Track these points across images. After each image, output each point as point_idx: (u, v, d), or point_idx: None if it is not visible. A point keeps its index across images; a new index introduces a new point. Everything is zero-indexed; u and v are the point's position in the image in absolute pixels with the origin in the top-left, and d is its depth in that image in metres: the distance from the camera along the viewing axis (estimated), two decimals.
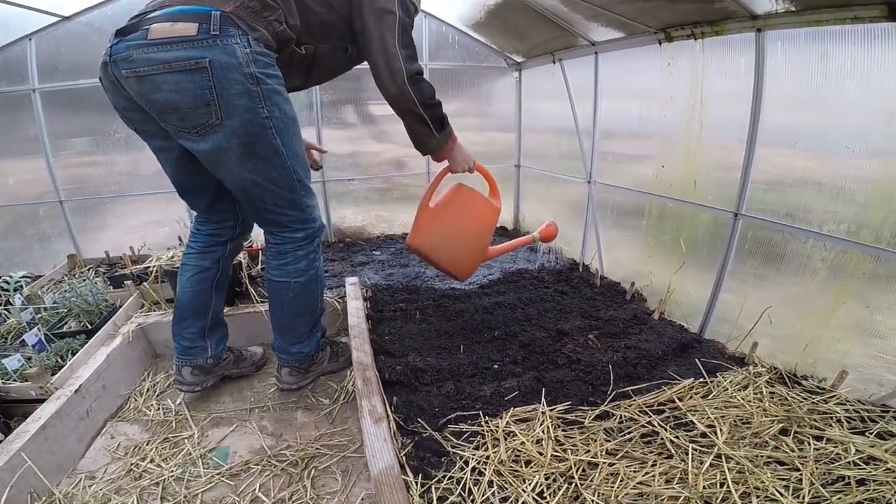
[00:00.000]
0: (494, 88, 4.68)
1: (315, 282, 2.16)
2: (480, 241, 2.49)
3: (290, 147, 1.90)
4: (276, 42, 1.78)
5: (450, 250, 2.42)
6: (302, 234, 2.06)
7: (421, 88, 1.99)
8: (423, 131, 2.14)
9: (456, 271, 2.50)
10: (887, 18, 1.70)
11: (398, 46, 1.91)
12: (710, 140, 2.54)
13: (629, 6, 2.59)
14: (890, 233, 1.83)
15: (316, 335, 2.29)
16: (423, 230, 2.41)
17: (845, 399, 1.93)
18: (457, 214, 2.42)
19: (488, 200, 2.51)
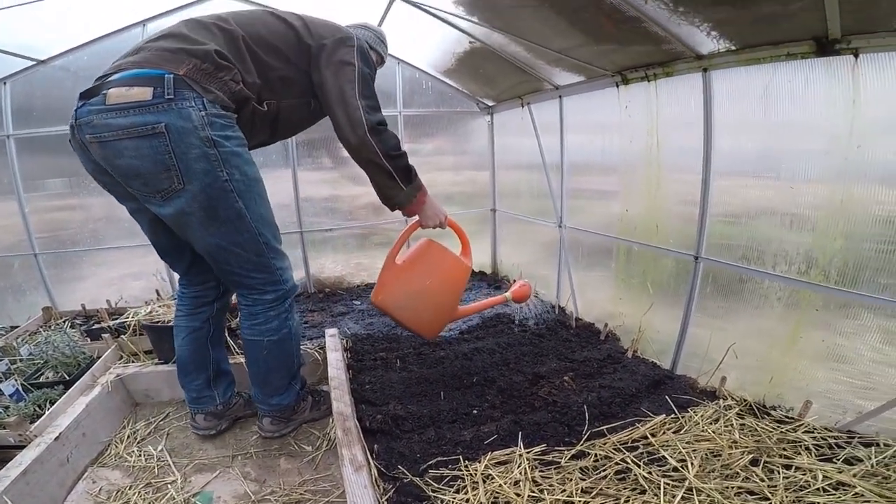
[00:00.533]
0: (470, 130, 4.80)
1: (289, 339, 2.14)
2: (449, 300, 2.41)
3: (254, 210, 1.88)
4: (235, 102, 1.78)
5: (415, 309, 2.35)
6: (272, 296, 2.04)
7: (384, 139, 1.96)
8: (388, 184, 2.08)
9: (422, 331, 2.45)
10: (816, 54, 1.87)
11: (358, 97, 1.90)
12: (669, 182, 2.69)
13: (585, 50, 2.77)
14: (836, 271, 1.97)
15: (295, 387, 2.30)
16: (388, 287, 2.35)
17: (812, 427, 2.01)
18: (425, 272, 2.36)
19: (458, 259, 2.45)
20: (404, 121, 4.45)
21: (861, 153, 1.82)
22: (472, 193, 4.95)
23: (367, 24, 2.42)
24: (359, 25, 2.38)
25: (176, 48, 1.71)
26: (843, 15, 1.67)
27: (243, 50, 1.82)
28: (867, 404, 1.94)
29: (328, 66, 1.92)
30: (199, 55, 1.70)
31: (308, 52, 1.94)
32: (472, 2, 2.81)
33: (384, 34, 2.46)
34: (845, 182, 1.89)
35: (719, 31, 2.10)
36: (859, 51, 1.74)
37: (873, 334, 1.92)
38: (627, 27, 2.30)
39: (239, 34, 1.82)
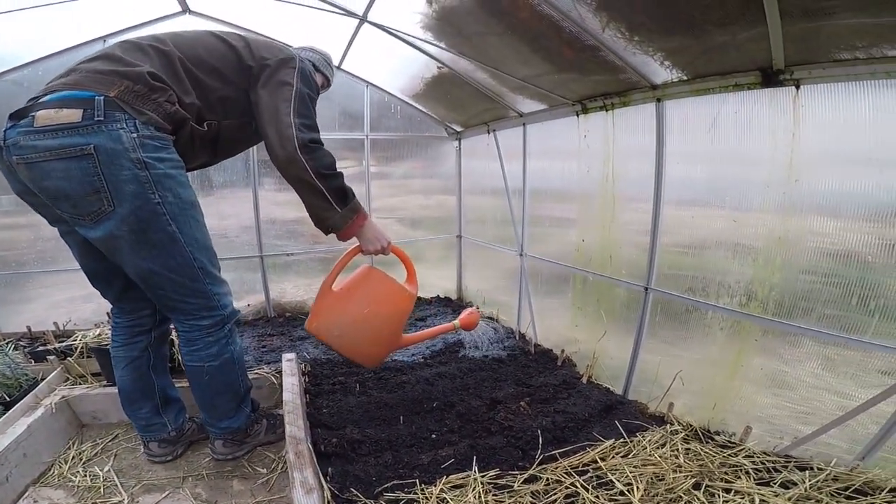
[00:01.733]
0: (439, 154, 4.84)
1: (231, 364, 2.11)
2: (389, 329, 2.34)
3: (188, 234, 1.84)
4: (171, 123, 1.76)
5: (353, 338, 2.27)
6: (209, 322, 2.00)
7: (316, 157, 1.91)
8: (321, 205, 2.01)
9: (361, 360, 2.39)
10: (762, 84, 1.98)
11: (292, 115, 1.88)
12: (623, 211, 2.79)
13: (548, 79, 2.88)
14: (774, 303, 2.09)
15: (245, 410, 2.28)
16: (323, 315, 2.27)
17: (753, 451, 2.09)
18: (363, 300, 2.28)
19: (400, 286, 2.37)
20: (371, 144, 4.46)
21: (799, 186, 1.93)
22: (440, 218, 4.99)
23: (313, 47, 2.45)
24: (306, 48, 2.42)
25: (108, 70, 1.69)
26: (786, 45, 1.77)
27: (180, 71, 1.81)
28: (805, 429, 2.03)
29: (265, 85, 1.92)
30: (131, 77, 1.69)
31: (249, 72, 1.95)
32: (439, 27, 2.89)
33: (330, 57, 2.50)
34: (784, 214, 2.01)
35: (672, 60, 2.21)
36: (801, 81, 1.85)
37: (812, 361, 2.03)
38: (586, 56, 2.41)
39: (176, 55, 1.82)
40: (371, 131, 4.45)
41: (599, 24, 2.14)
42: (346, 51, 3.79)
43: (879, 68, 1.65)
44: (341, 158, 4.35)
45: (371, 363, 2.44)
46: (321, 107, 4.11)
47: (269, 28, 3.56)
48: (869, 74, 1.68)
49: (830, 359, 1.97)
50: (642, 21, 2.05)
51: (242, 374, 2.21)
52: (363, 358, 2.37)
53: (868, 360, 1.86)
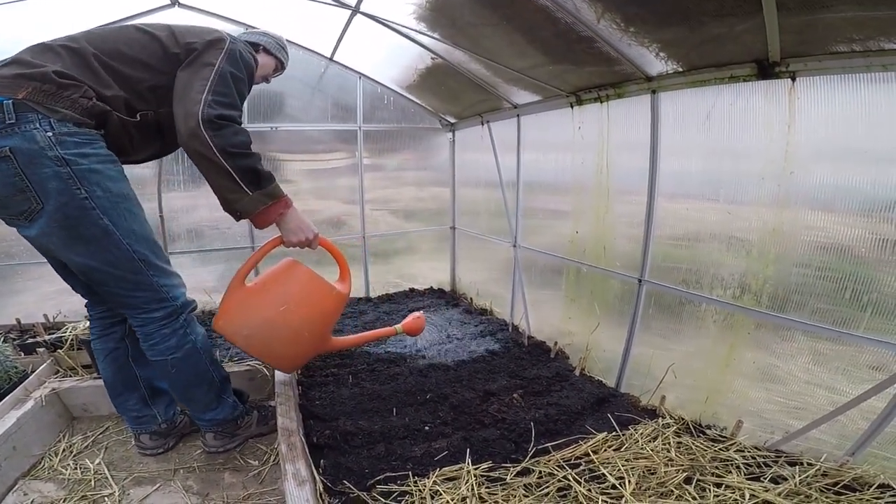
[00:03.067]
0: (433, 146, 4.82)
1: (196, 355, 2.07)
2: (311, 331, 2.16)
3: (123, 226, 1.80)
4: (91, 117, 1.74)
5: (264, 339, 2.08)
6: (161, 314, 1.96)
7: (222, 133, 1.79)
8: (227, 186, 1.87)
9: (275, 364, 2.24)
10: (757, 77, 1.96)
11: (205, 92, 1.79)
12: (617, 204, 2.78)
13: (542, 70, 2.85)
14: (768, 296, 2.08)
15: (227, 401, 2.25)
16: (232, 312, 2.08)
17: (744, 446, 2.10)
18: (279, 297, 2.10)
19: (327, 285, 2.21)
20: (364, 136, 4.44)
21: (794, 178, 1.93)
22: (435, 210, 4.98)
23: (266, 31, 2.43)
24: (259, 32, 2.41)
25: (13, 74, 1.67)
26: (782, 37, 1.75)
27: (95, 66, 1.79)
28: (796, 423, 2.04)
29: (187, 67, 1.88)
30: (37, 77, 1.67)
31: (176, 59, 1.91)
32: (433, 18, 2.86)
33: (283, 41, 2.47)
34: (778, 207, 2.00)
35: (667, 52, 2.19)
36: (797, 74, 1.84)
37: (804, 356, 2.03)
38: (581, 47, 2.38)
39: (89, 51, 1.79)
40: (364, 122, 4.42)
41: (594, 15, 2.12)
42: (338, 42, 3.74)
43: (876, 61, 1.63)
44: (334, 150, 4.38)
45: (287, 367, 2.27)
46: (314, 98, 4.26)
47: (259, 20, 3.51)
48: (865, 67, 1.67)
49: (822, 354, 1.98)
50: (637, 12, 2.03)
51: (212, 363, 2.17)
52: (277, 361, 2.21)
53: (859, 356, 1.86)
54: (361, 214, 4.60)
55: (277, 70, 2.43)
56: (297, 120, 4.22)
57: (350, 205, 4.62)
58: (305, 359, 2.28)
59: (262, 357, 2.16)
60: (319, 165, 4.46)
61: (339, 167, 4.53)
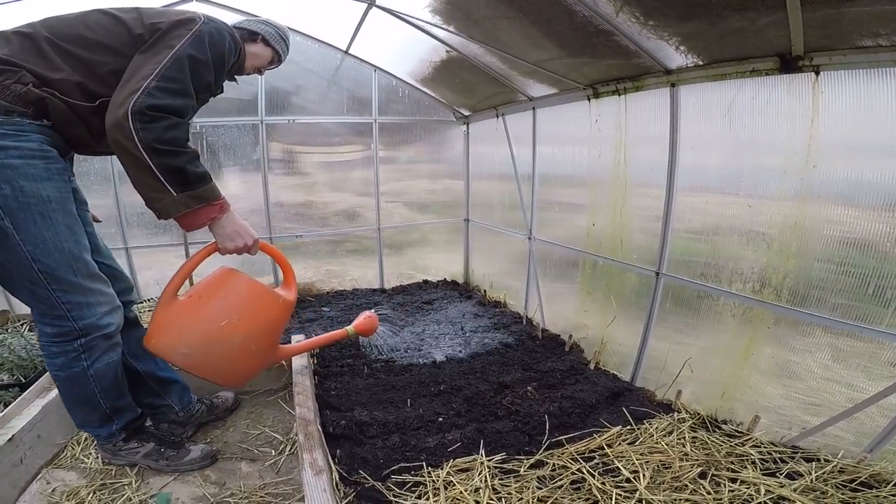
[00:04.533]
0: (446, 138, 4.83)
1: (83, 381, 1.85)
2: (259, 344, 1.97)
3: (30, 232, 1.62)
4: (24, 105, 1.60)
5: (206, 357, 1.86)
6: (53, 331, 1.77)
7: (151, 127, 1.57)
8: (148, 184, 1.63)
9: (221, 382, 2.02)
10: (780, 70, 1.94)
11: (150, 78, 1.60)
12: (634, 197, 2.77)
13: (559, 63, 2.84)
14: (788, 291, 2.06)
15: (110, 428, 2.03)
16: (165, 329, 1.84)
17: (760, 441, 2.09)
18: (220, 311, 1.87)
19: (271, 292, 2.02)
20: (380, 128, 4.47)
21: (816, 172, 1.90)
22: (447, 202, 5.00)
23: (268, 20, 2.24)
24: (261, 20, 2.22)
25: None
26: (806, 31, 1.73)
27: (45, 49, 1.66)
28: (813, 420, 2.03)
29: (147, 50, 1.69)
30: None
31: (140, 41, 1.74)
32: (448, 11, 2.85)
33: (286, 32, 2.27)
34: (800, 201, 1.98)
35: (688, 45, 2.17)
36: (820, 68, 1.82)
37: (823, 352, 2.01)
38: (599, 40, 2.37)
39: (41, 35, 1.67)
40: (379, 115, 4.45)
41: (613, 9, 2.10)
42: (354, 35, 3.75)
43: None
44: (349, 143, 4.41)
45: (234, 383, 2.06)
46: (330, 91, 4.29)
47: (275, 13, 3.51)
48: (892, 62, 1.63)
49: (841, 350, 1.96)
50: (657, 6, 2.01)
51: (104, 394, 1.93)
52: (223, 378, 1.99)
53: (879, 352, 1.84)
54: (377, 206, 4.63)
55: (274, 62, 2.25)
56: (313, 113, 4.26)
57: (363, 197, 4.66)
58: (255, 373, 2.08)
59: (206, 376, 1.92)
60: (335, 158, 4.50)
61: (354, 160, 4.56)
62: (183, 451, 2.11)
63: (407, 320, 3.86)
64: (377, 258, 4.77)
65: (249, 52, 2.08)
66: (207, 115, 3.87)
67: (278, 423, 2.46)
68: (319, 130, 4.36)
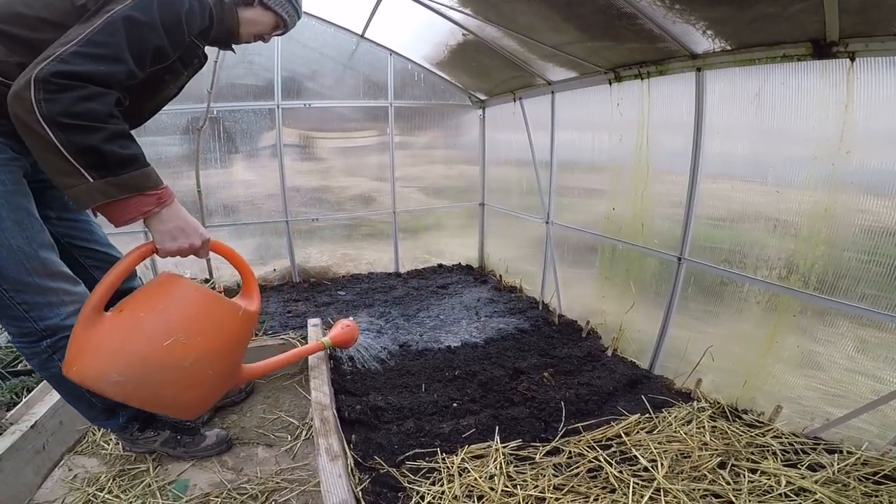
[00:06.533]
0: (462, 123, 4.79)
1: (65, 384, 1.72)
2: (216, 366, 1.63)
3: None
4: None
5: (148, 386, 1.53)
6: (14, 331, 1.66)
7: (58, 98, 1.30)
8: (58, 168, 1.36)
9: (172, 414, 1.76)
10: (813, 56, 1.88)
11: (72, 43, 1.36)
12: (656, 182, 2.71)
13: (579, 47, 2.77)
14: (816, 278, 2.00)
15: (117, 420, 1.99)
16: (91, 354, 1.48)
17: (781, 432, 2.06)
18: (162, 327, 1.52)
19: (228, 303, 1.66)
20: (395, 112, 4.45)
21: (849, 159, 1.84)
22: (462, 187, 4.97)
23: None
24: None
25: None
26: (842, 17, 1.68)
27: None
28: (836, 411, 1.98)
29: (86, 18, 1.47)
30: None
31: (84, 10, 1.52)
32: None
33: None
34: (831, 189, 1.92)
35: (715, 30, 2.11)
36: (856, 54, 1.76)
37: (848, 342, 1.96)
38: (622, 24, 2.30)
39: None
40: (395, 99, 4.42)
41: None
42: (369, 19, 3.73)
43: None
44: (364, 128, 4.42)
45: (186, 414, 1.76)
46: (346, 75, 4.27)
47: None
48: None
49: (866, 341, 1.91)
50: None
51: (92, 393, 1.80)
52: (172, 410, 1.69)
53: None
54: (392, 190, 4.62)
55: (279, 28, 1.97)
56: (329, 97, 4.24)
57: (378, 181, 4.65)
58: (214, 400, 1.82)
59: (150, 408, 1.65)
60: (350, 143, 4.50)
61: (369, 145, 4.55)
62: (199, 438, 2.12)
63: (420, 305, 3.86)
64: (392, 242, 4.77)
65: (244, 18, 1.83)
66: (224, 99, 3.89)
67: (294, 408, 2.47)
68: (335, 115, 4.35)
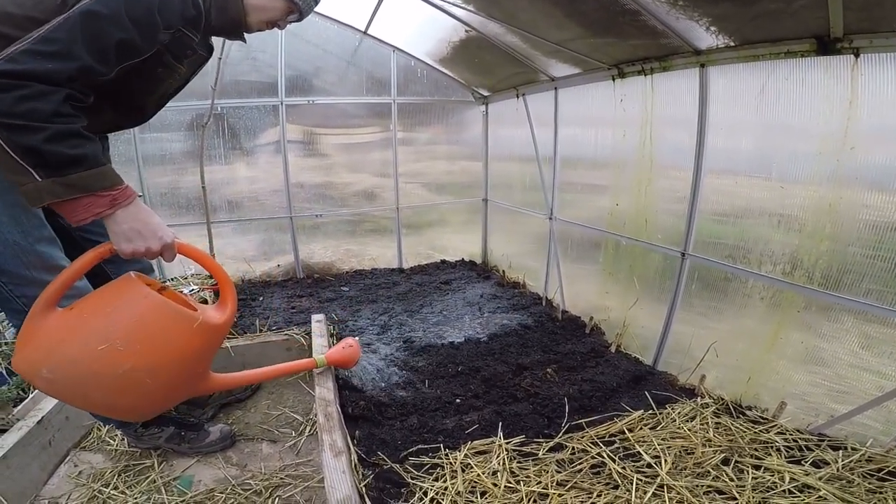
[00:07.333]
0: (465, 119, 4.80)
1: None
2: (160, 377, 1.51)
3: None
4: None
5: (77, 387, 1.47)
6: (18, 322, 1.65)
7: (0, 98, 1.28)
8: (8, 165, 1.35)
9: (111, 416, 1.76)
10: (817, 52, 1.87)
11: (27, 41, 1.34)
12: (660, 178, 2.71)
13: (582, 43, 2.76)
14: (820, 273, 1.99)
15: None
16: (31, 347, 1.44)
17: (785, 428, 2.05)
18: (101, 331, 1.43)
19: (183, 314, 1.52)
20: (398, 109, 4.45)
21: (854, 155, 1.83)
22: (465, 183, 4.97)
23: None
24: None
25: None
26: (846, 13, 1.67)
27: None
28: (840, 408, 1.98)
29: None
30: None
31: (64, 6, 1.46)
32: None
33: None
34: (836, 184, 1.91)
35: (719, 26, 2.10)
36: (860, 50, 1.75)
37: (852, 338, 1.95)
38: (625, 20, 2.29)
39: None
40: (398, 96, 4.42)
41: None
42: (372, 16, 3.72)
43: None
44: (368, 124, 4.42)
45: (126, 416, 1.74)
46: (349, 72, 4.26)
47: None
48: None
49: (871, 337, 1.90)
50: None
51: None
52: (108, 412, 1.68)
53: None
54: (395, 187, 4.62)
55: (293, 13, 1.87)
56: (332, 94, 4.25)
57: (381, 178, 4.66)
58: (165, 405, 1.77)
59: (82, 408, 1.64)
60: (353, 140, 4.51)
61: (372, 141, 4.56)
62: (203, 434, 2.13)
63: (424, 301, 3.86)
64: (396, 238, 4.78)
65: (251, 5, 1.78)
66: (228, 96, 3.90)
67: (298, 404, 2.48)
68: (338, 112, 4.35)
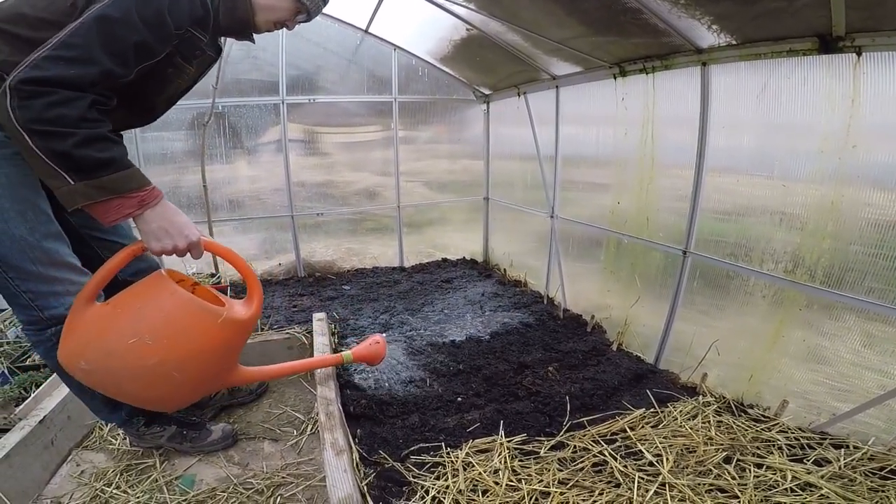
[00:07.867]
0: (466, 118, 4.80)
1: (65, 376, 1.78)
2: (185, 371, 1.62)
3: None
4: None
5: (112, 377, 1.59)
6: (23, 318, 1.71)
7: (28, 105, 1.35)
8: (44, 170, 1.42)
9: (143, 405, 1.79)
10: (819, 51, 1.87)
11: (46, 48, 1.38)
12: (661, 176, 2.70)
13: (584, 41, 2.76)
14: (822, 272, 1.99)
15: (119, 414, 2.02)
16: (72, 340, 1.57)
17: (787, 427, 2.05)
18: (131, 325, 1.55)
19: (209, 311, 1.62)
20: (399, 107, 4.46)
21: (856, 153, 1.83)
22: (466, 182, 4.98)
23: None
24: None
25: None
26: (848, 12, 1.67)
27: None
28: (842, 406, 1.97)
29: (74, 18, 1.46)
30: None
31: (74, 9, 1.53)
32: None
33: None
34: (837, 182, 1.91)
35: (720, 24, 2.10)
36: (862, 49, 1.75)
37: (854, 337, 1.95)
38: (626, 19, 2.29)
39: None
40: (399, 94, 4.43)
41: None
42: (373, 14, 3.73)
43: None
44: (369, 123, 4.42)
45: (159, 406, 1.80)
46: (350, 70, 4.27)
47: None
48: None
49: (874, 336, 1.90)
50: None
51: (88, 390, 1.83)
52: (138, 401, 1.75)
53: None
54: (397, 185, 4.63)
55: (301, 13, 1.88)
56: (333, 92, 4.25)
57: (383, 176, 4.66)
58: (193, 398, 1.87)
59: (116, 397, 1.72)
60: (355, 138, 4.51)
61: (373, 140, 4.56)
62: (204, 433, 2.13)
63: (425, 299, 3.86)
64: (397, 236, 4.78)
65: (259, 5, 1.80)
66: (229, 95, 3.90)
67: (300, 403, 2.48)
68: (340, 110, 4.36)
